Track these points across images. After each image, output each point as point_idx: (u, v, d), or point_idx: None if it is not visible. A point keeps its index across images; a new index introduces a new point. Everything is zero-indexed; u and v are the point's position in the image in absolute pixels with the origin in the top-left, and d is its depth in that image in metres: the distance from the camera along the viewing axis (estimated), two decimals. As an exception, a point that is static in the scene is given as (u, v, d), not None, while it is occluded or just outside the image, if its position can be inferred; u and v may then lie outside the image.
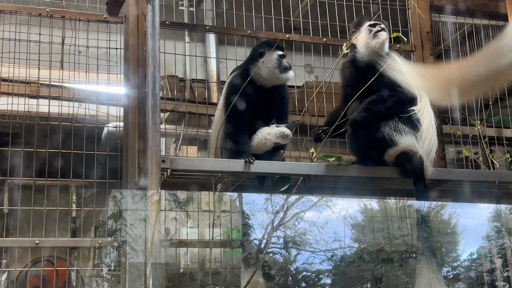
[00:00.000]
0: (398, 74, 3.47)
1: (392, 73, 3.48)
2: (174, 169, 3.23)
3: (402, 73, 3.47)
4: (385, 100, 3.44)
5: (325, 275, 5.34)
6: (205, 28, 5.36)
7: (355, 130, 3.52)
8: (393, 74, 3.47)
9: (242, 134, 3.54)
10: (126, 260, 3.87)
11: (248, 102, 3.59)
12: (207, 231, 4.89)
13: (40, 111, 4.59)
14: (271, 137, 3.54)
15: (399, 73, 3.47)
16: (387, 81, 3.48)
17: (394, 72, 3.47)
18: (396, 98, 3.44)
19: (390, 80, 3.47)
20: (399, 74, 3.47)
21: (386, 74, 3.50)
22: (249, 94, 3.60)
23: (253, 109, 3.60)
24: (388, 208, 5.64)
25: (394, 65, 3.51)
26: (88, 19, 4.38)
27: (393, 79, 3.47)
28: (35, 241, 4.17)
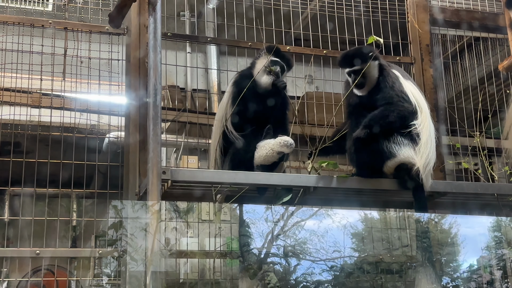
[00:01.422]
0: (397, 87, 3.50)
1: (392, 87, 3.51)
2: (175, 180, 3.24)
3: (401, 86, 3.50)
4: (387, 116, 3.46)
5: (324, 286, 5.34)
6: (206, 39, 5.39)
7: (354, 142, 3.54)
8: (393, 88, 3.50)
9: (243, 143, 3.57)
10: (127, 269, 3.88)
11: (249, 109, 3.63)
12: (207, 241, 4.91)
13: (42, 121, 4.62)
14: (275, 147, 3.55)
15: (399, 86, 3.50)
16: (387, 95, 3.51)
17: (394, 85, 3.51)
18: (398, 112, 3.46)
19: (391, 94, 3.50)
20: (398, 87, 3.50)
21: (386, 88, 3.52)
22: (249, 101, 3.64)
23: (253, 116, 3.63)
24: (388, 218, 5.65)
25: (393, 79, 3.54)
26: (90, 31, 4.41)
27: (394, 93, 3.49)
28: (35, 251, 4.18)
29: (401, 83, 3.54)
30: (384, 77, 3.57)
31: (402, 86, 3.53)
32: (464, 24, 4.89)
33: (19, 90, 4.52)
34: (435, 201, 3.88)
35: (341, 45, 4.63)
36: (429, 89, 4.47)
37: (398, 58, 4.69)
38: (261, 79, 3.68)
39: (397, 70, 3.65)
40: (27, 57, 4.36)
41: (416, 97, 3.52)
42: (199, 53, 6.50)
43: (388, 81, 3.54)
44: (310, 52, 4.70)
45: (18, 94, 4.51)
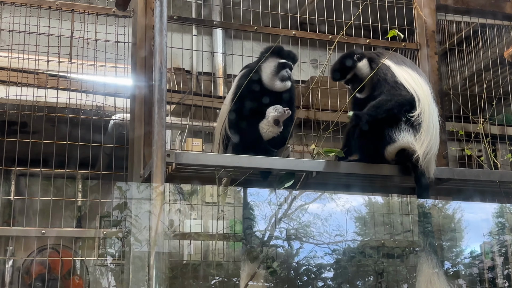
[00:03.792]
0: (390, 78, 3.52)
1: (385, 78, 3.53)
2: (179, 163, 3.27)
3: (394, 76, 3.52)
4: (383, 104, 3.48)
5: (326, 269, 5.38)
6: (212, 23, 5.39)
7: (356, 130, 3.57)
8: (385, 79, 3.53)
9: (248, 130, 3.59)
10: (131, 250, 3.93)
11: (255, 101, 3.64)
12: (211, 223, 4.96)
13: (48, 102, 4.65)
14: (269, 118, 3.61)
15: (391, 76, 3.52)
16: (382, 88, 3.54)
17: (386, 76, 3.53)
18: (394, 101, 3.48)
19: (384, 85, 3.53)
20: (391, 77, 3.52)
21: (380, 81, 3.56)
22: (256, 93, 3.66)
23: (259, 107, 3.65)
24: (391, 203, 5.68)
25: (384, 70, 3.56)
26: (96, 13, 4.43)
27: (387, 84, 3.52)
28: (41, 230, 4.24)
29: (393, 73, 3.56)
30: (376, 72, 3.59)
31: (395, 75, 3.55)
32: (470, 11, 4.87)
33: (26, 71, 4.55)
34: (437, 187, 3.90)
35: (347, 30, 4.62)
36: (434, 76, 4.47)
37: (403, 44, 4.68)
38: (272, 83, 3.69)
39: (389, 59, 3.65)
40: (34, 38, 4.38)
41: (412, 84, 3.52)
42: (205, 36, 6.50)
43: (380, 74, 3.57)
44: (315, 37, 4.70)
45: (25, 75, 4.54)
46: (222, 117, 3.74)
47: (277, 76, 3.67)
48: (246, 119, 3.62)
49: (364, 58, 3.68)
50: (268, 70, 3.69)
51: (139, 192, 3.94)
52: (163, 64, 3.23)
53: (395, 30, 3.68)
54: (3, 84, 4.49)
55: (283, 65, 3.69)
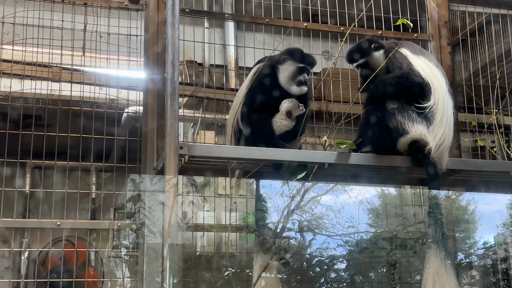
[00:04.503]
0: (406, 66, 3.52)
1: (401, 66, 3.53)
2: (192, 155, 3.30)
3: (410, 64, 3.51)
4: (395, 84, 3.50)
5: (339, 260, 5.40)
6: (224, 16, 5.41)
7: (368, 119, 3.58)
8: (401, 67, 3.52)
9: (261, 123, 3.61)
10: (144, 242, 3.97)
11: (269, 96, 3.66)
12: (224, 215, 4.99)
13: (62, 95, 4.70)
14: (282, 111, 3.63)
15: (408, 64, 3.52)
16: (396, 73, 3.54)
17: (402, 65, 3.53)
18: (406, 82, 3.48)
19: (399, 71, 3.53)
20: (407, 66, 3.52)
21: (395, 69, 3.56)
22: (271, 89, 3.67)
23: (272, 102, 3.66)
24: (404, 194, 5.68)
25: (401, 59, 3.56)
26: (109, 6, 4.46)
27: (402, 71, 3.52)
28: (56, 222, 4.28)
29: (410, 62, 3.54)
30: (391, 60, 3.59)
31: (411, 64, 3.54)
32: (483, 1, 4.85)
33: (40, 64, 4.59)
34: (450, 179, 3.90)
35: (359, 22, 4.61)
36: (446, 67, 4.44)
37: (415, 35, 4.66)
38: (288, 86, 3.68)
39: (407, 48, 3.64)
40: (47, 32, 4.42)
41: (428, 74, 3.51)
42: (217, 29, 6.50)
43: (396, 63, 3.57)
44: (327, 29, 4.70)
45: (39, 68, 4.58)
46: (234, 110, 3.75)
47: (294, 80, 3.66)
48: (259, 112, 3.63)
49: (382, 49, 3.67)
50: (286, 73, 3.69)
51: (152, 184, 3.98)
52: (176, 57, 3.25)
53: (404, 19, 3.66)
54: (18, 78, 4.54)
55: (302, 70, 3.68)
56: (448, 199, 4.67)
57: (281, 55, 3.74)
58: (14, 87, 4.59)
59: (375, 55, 3.66)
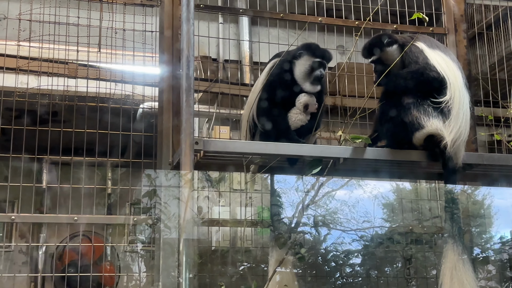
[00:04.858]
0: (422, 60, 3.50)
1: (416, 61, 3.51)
2: (207, 150, 3.31)
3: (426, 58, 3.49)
4: (410, 78, 3.48)
5: (354, 255, 5.40)
6: (238, 11, 5.41)
7: (383, 113, 3.57)
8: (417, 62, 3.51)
9: (276, 118, 3.61)
10: (160, 236, 4.00)
11: (285, 91, 3.65)
12: (239, 210, 5.00)
13: (78, 91, 4.73)
14: (298, 106, 3.64)
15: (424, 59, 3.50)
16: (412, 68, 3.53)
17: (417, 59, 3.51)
18: (422, 77, 3.46)
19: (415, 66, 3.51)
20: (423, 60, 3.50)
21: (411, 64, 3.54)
22: (286, 85, 3.66)
23: (288, 97, 3.67)
24: (419, 189, 5.66)
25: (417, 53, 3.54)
26: (124, 3, 4.49)
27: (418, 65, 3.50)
28: (73, 217, 4.32)
29: (426, 56, 3.52)
30: (407, 54, 3.57)
31: (427, 58, 3.51)
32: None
33: (56, 61, 4.62)
34: (466, 173, 3.87)
35: (374, 16, 4.59)
36: (462, 60, 4.41)
37: (431, 29, 4.63)
38: (303, 81, 3.67)
39: (423, 42, 3.62)
40: (63, 28, 4.45)
41: (444, 68, 3.48)
42: (231, 24, 6.51)
43: (412, 57, 3.55)
44: (342, 23, 4.68)
45: (55, 65, 4.61)
46: (249, 105, 3.76)
47: (310, 75, 3.65)
48: (275, 107, 3.63)
49: (396, 43, 3.65)
50: (302, 68, 3.68)
51: (167, 179, 4.00)
52: (190, 52, 3.27)
53: (420, 13, 3.65)
54: (35, 74, 4.58)
55: (318, 64, 3.66)
56: (464, 194, 4.65)
57: (297, 50, 3.73)
58: (31, 84, 4.64)
59: (389, 50, 3.64)
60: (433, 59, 3.50)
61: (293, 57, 3.71)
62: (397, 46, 3.65)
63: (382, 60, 3.65)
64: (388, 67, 3.59)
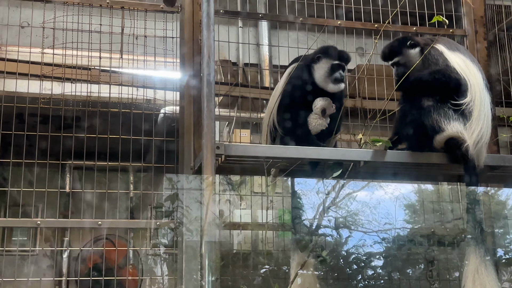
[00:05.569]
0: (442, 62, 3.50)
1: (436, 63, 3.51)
2: (228, 155, 3.34)
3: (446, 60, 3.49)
4: (431, 81, 3.47)
5: (376, 257, 5.40)
6: (258, 16, 5.44)
7: (403, 116, 3.58)
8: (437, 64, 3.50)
9: (297, 123, 3.64)
10: (183, 240, 4.04)
11: (305, 96, 3.67)
12: (260, 213, 5.03)
13: (101, 96, 4.80)
14: (316, 111, 3.65)
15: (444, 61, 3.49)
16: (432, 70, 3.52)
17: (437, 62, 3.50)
18: (443, 80, 3.45)
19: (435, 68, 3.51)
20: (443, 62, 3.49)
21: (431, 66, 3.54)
22: (306, 89, 3.68)
23: (308, 102, 3.68)
24: (441, 190, 5.64)
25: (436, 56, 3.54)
26: (146, 10, 4.54)
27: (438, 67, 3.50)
28: (97, 222, 4.38)
29: (446, 58, 3.51)
30: (427, 57, 3.57)
31: (447, 60, 3.50)
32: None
33: (79, 67, 4.70)
34: (488, 175, 3.85)
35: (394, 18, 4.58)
36: (483, 62, 4.39)
37: (451, 30, 4.62)
38: (325, 84, 3.68)
39: (442, 44, 3.61)
40: (86, 35, 4.53)
41: (464, 70, 3.47)
42: (250, 28, 6.54)
43: (432, 60, 3.54)
44: (361, 26, 4.69)
45: (78, 71, 4.69)
46: (270, 110, 3.78)
47: (330, 78, 3.66)
48: (295, 112, 3.64)
49: (417, 46, 3.65)
50: (322, 71, 3.68)
51: (189, 183, 4.04)
52: (211, 58, 3.30)
53: (440, 15, 3.65)
54: (59, 81, 4.65)
55: (337, 67, 3.67)
56: (486, 195, 4.62)
57: (315, 53, 3.75)
58: (54, 90, 4.71)
59: (410, 53, 3.64)
60: (453, 61, 3.49)
61: (311, 61, 3.72)
62: (418, 48, 3.64)
63: (403, 62, 3.65)
64: (409, 69, 3.59)
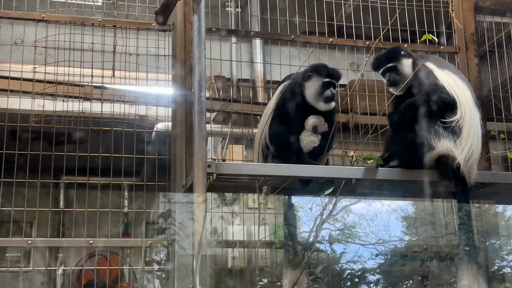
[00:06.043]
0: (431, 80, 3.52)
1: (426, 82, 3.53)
2: (220, 173, 3.34)
3: (436, 79, 3.51)
4: (421, 103, 3.49)
5: (371, 273, 5.38)
6: (250, 34, 5.47)
7: (394, 134, 3.59)
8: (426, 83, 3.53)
9: (288, 141, 3.64)
10: (175, 258, 4.03)
11: (296, 114, 3.69)
12: (253, 229, 5.02)
13: (93, 112, 4.81)
14: (307, 128, 3.67)
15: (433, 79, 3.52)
16: (422, 89, 3.54)
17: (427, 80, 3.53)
18: (432, 101, 3.47)
19: (425, 87, 3.53)
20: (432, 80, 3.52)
21: (421, 84, 3.55)
22: (298, 107, 3.69)
23: (300, 120, 3.70)
24: (435, 204, 5.64)
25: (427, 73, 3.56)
26: (137, 28, 4.56)
27: (428, 87, 3.52)
28: (89, 241, 4.36)
29: (435, 76, 3.54)
30: (417, 73, 3.59)
31: (437, 78, 3.53)
32: (509, 12, 4.81)
33: (71, 84, 4.70)
34: (479, 191, 3.86)
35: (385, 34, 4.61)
36: (474, 78, 4.43)
37: (442, 47, 4.65)
38: (316, 102, 3.69)
39: (432, 62, 3.64)
40: (78, 53, 4.54)
41: (454, 88, 3.50)
42: (243, 43, 6.57)
43: (422, 76, 3.56)
44: (352, 43, 4.73)
45: (70, 88, 4.69)
46: (261, 127, 3.79)
47: (321, 96, 3.67)
48: (287, 130, 3.66)
49: (410, 58, 3.68)
50: (312, 89, 3.69)
51: (182, 200, 4.03)
52: (202, 77, 3.31)
53: (429, 34, 3.68)
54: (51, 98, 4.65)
55: (328, 84, 3.68)
56: (479, 211, 4.62)
57: (306, 72, 3.76)
58: (46, 107, 4.71)
59: (404, 62, 3.66)
60: (442, 79, 3.52)
61: (302, 79, 3.73)
62: (411, 61, 3.67)
63: (397, 69, 3.66)
64: (400, 77, 3.62)
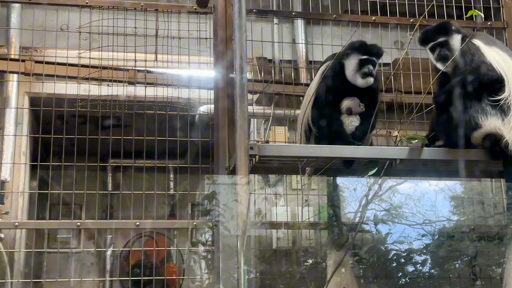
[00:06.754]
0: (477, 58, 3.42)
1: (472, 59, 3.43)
2: (262, 155, 3.34)
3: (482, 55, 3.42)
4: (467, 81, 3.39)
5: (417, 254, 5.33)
6: (291, 14, 5.42)
7: (440, 113, 3.51)
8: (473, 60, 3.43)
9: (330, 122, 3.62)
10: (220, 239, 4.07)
11: (338, 94, 3.66)
12: (297, 210, 5.02)
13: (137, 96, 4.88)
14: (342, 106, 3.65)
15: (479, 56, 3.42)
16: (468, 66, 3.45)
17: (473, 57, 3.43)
18: (479, 79, 3.38)
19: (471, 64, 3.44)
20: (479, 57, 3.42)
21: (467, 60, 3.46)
22: (339, 87, 3.67)
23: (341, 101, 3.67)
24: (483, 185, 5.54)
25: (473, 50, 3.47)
26: (179, 11, 4.58)
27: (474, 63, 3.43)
28: (136, 223, 4.45)
29: (482, 53, 3.44)
30: (464, 50, 3.50)
31: (484, 55, 3.43)
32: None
33: (116, 68, 4.77)
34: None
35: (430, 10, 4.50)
36: (523, 54, 4.28)
37: (489, 23, 4.51)
38: (354, 79, 3.66)
39: (479, 39, 3.54)
40: (121, 38, 4.60)
41: (502, 65, 3.39)
42: (285, 24, 6.51)
43: (468, 54, 3.47)
44: (396, 21, 4.63)
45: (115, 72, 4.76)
46: (304, 109, 3.77)
47: (359, 72, 3.62)
48: (329, 111, 3.63)
49: (460, 33, 3.59)
50: (351, 67, 3.65)
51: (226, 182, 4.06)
52: (243, 59, 3.29)
53: (475, 10, 3.57)
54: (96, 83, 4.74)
55: (365, 61, 3.62)
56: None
57: (345, 49, 3.72)
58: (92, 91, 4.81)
59: (454, 37, 3.56)
60: (489, 56, 3.42)
61: (342, 58, 3.70)
62: (461, 36, 3.58)
63: (448, 44, 3.56)
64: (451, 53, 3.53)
